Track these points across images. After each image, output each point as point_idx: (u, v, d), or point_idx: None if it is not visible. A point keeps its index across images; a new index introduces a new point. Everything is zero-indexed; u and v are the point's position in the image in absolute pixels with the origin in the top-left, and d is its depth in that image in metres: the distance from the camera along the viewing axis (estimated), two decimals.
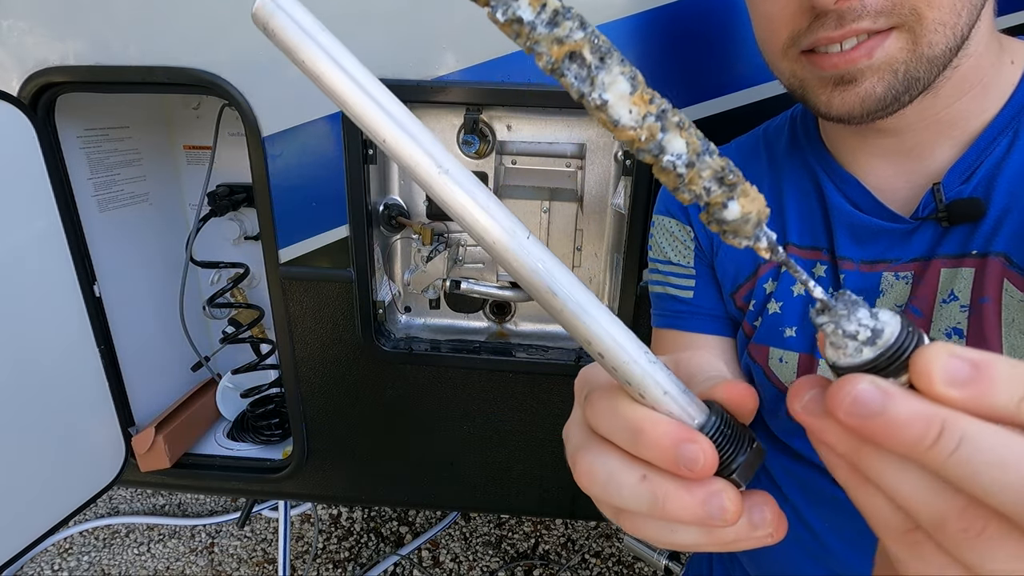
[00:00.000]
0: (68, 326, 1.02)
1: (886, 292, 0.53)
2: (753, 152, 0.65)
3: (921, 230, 0.51)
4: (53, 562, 1.85)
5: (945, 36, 0.42)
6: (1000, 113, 0.48)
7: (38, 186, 0.94)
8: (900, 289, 0.53)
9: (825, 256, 0.57)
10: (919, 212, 0.51)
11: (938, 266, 0.50)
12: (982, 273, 0.47)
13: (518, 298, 1.11)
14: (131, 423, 1.19)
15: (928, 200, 0.50)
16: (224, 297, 1.34)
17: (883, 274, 0.53)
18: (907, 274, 0.52)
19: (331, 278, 1.05)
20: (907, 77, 0.44)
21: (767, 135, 0.65)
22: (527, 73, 0.89)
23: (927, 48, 0.43)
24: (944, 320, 0.49)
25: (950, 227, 0.49)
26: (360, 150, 0.95)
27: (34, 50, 0.93)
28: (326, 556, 1.88)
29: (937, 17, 0.41)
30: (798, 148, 0.61)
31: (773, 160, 0.62)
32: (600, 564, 1.85)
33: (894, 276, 0.53)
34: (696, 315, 0.68)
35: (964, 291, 0.48)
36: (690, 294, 0.68)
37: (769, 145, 0.64)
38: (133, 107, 1.18)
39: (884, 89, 0.44)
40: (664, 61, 0.88)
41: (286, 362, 1.13)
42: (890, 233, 0.53)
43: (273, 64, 0.91)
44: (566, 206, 0.99)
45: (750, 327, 0.62)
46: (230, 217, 1.30)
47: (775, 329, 0.59)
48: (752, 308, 0.62)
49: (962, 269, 0.48)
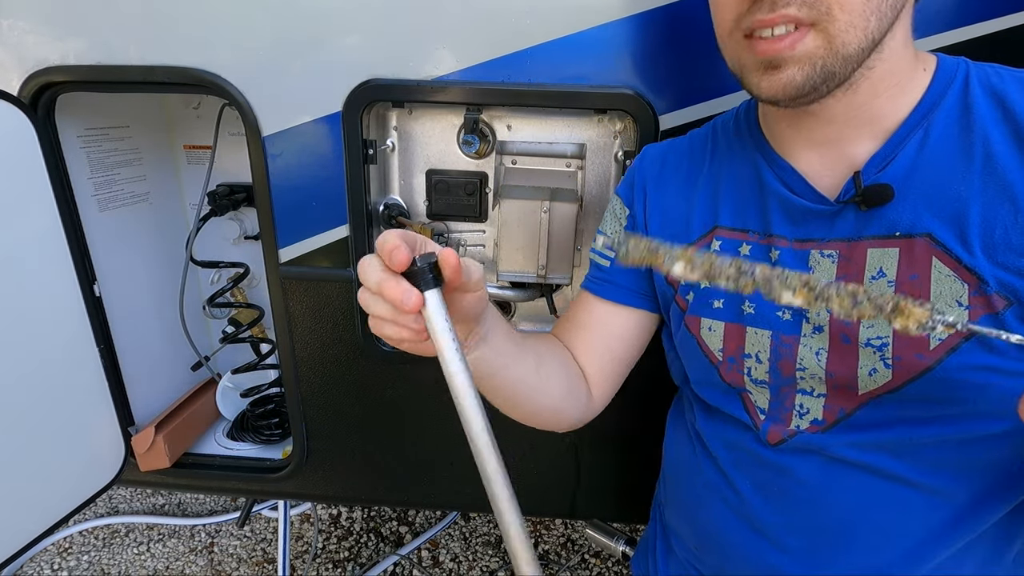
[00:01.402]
0: (68, 326, 1.02)
1: (814, 268, 0.59)
2: (702, 143, 0.72)
3: (844, 213, 0.57)
4: (53, 561, 1.85)
5: (856, 37, 0.49)
6: (913, 112, 0.56)
7: (38, 186, 0.94)
8: (826, 266, 0.58)
9: (752, 237, 0.64)
10: (841, 196, 0.57)
11: (865, 246, 0.56)
12: (909, 253, 0.54)
13: (518, 298, 1.11)
14: (131, 423, 1.19)
15: (849, 186, 0.57)
16: (224, 297, 1.34)
17: (811, 252, 0.59)
18: (832, 252, 0.58)
19: (331, 278, 1.05)
20: (824, 70, 0.51)
21: (715, 127, 0.72)
22: (527, 73, 0.89)
23: (841, 47, 0.50)
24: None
25: (867, 210, 0.55)
26: (360, 150, 0.95)
27: (34, 49, 0.93)
28: (326, 556, 1.88)
29: (848, 19, 0.49)
30: (740, 138, 0.68)
31: (716, 150, 0.70)
32: (600, 564, 1.85)
33: (820, 254, 0.59)
34: (608, 283, 0.76)
35: (891, 268, 0.55)
36: (607, 263, 0.77)
37: (716, 136, 0.71)
38: (133, 107, 1.18)
39: (803, 78, 0.51)
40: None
41: (286, 362, 1.13)
42: (817, 215, 0.59)
43: (273, 64, 0.91)
44: (566, 206, 0.99)
45: (683, 301, 0.69)
46: (230, 217, 1.30)
47: (706, 301, 0.66)
48: (683, 283, 0.68)
49: (888, 249, 0.55)
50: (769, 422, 0.64)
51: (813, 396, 0.61)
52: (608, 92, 0.88)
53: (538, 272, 1.04)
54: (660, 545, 0.84)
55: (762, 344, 0.62)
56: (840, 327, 0.57)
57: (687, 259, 0.46)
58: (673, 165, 0.73)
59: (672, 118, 0.89)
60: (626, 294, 0.76)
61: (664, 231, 0.71)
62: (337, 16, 0.89)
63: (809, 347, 0.60)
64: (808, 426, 0.62)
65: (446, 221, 1.10)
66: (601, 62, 0.88)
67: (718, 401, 0.70)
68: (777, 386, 0.63)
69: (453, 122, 1.03)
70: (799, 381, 0.61)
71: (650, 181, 0.74)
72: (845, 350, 0.57)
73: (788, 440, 0.63)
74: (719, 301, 0.65)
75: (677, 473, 0.79)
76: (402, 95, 0.92)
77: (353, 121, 0.93)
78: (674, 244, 0.47)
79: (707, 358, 0.67)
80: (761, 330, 0.62)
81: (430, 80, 0.90)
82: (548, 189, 1.00)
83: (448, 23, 0.88)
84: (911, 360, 0.54)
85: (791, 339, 0.60)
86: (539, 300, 1.12)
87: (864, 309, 0.42)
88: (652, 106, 0.88)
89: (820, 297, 0.44)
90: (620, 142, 1.01)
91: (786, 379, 0.62)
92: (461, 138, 1.01)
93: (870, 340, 0.56)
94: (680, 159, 0.73)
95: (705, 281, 0.46)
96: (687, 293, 0.68)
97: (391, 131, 1.04)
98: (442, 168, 1.06)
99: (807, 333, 0.60)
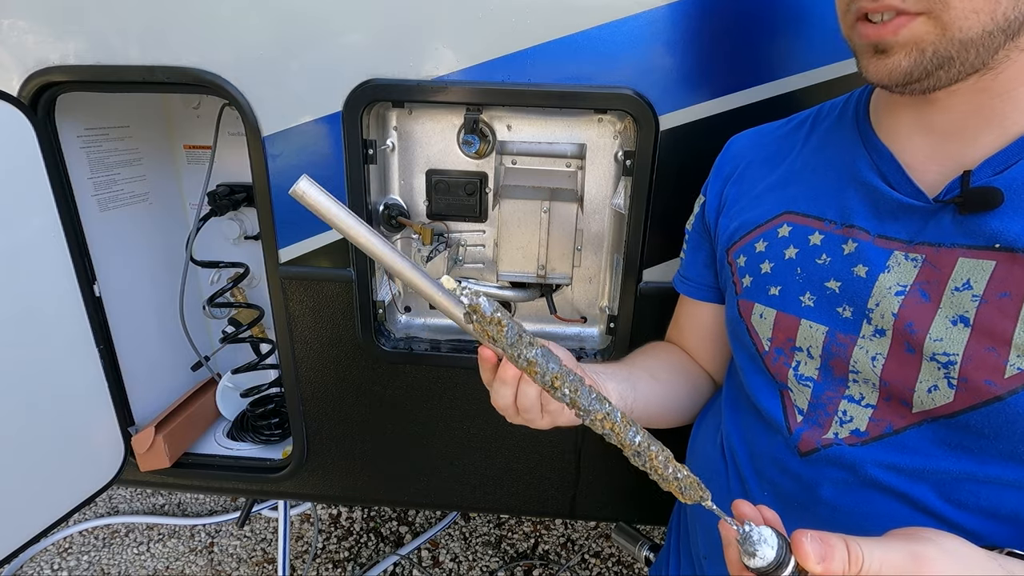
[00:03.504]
0: (68, 326, 1.02)
1: (892, 269, 0.54)
2: (798, 126, 0.69)
3: (940, 214, 0.52)
4: (53, 561, 1.85)
5: (980, 21, 0.45)
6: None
7: (38, 186, 0.94)
8: (906, 270, 0.53)
9: (827, 226, 0.59)
10: (943, 195, 0.52)
11: (957, 254, 0.51)
12: (1007, 269, 0.48)
13: (518, 298, 1.11)
14: (131, 422, 1.19)
15: (954, 185, 0.51)
16: (224, 297, 1.34)
17: (894, 252, 0.54)
18: (917, 257, 0.53)
19: (331, 278, 1.05)
20: (937, 56, 0.47)
21: (820, 111, 0.69)
22: (527, 73, 0.89)
23: (958, 32, 0.45)
24: (952, 307, 0.50)
25: (966, 214, 0.50)
26: (360, 150, 0.95)
27: (34, 50, 0.93)
28: (326, 556, 1.88)
29: (966, 5, 0.44)
30: (842, 121, 0.64)
31: (813, 133, 0.66)
32: (600, 564, 1.85)
33: (904, 256, 0.54)
34: (684, 280, 0.80)
35: (980, 282, 0.49)
36: (682, 256, 0.80)
37: (816, 120, 0.68)
38: (133, 107, 1.18)
39: (910, 64, 0.48)
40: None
41: (286, 362, 1.13)
42: (909, 211, 0.54)
43: (273, 64, 0.91)
44: (566, 206, 0.99)
45: (739, 283, 0.66)
46: (230, 217, 1.30)
47: (762, 286, 0.63)
48: (742, 264, 0.66)
49: (983, 261, 0.49)
50: (806, 426, 0.60)
51: (860, 404, 0.57)
52: (608, 92, 0.88)
53: (538, 272, 1.04)
54: (673, 550, 0.82)
55: (815, 339, 0.59)
56: (906, 333, 0.52)
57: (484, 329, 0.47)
58: (758, 151, 0.71)
59: (672, 118, 0.89)
60: (699, 289, 0.77)
61: (733, 218, 0.69)
62: (337, 16, 0.89)
63: (866, 350, 0.55)
64: (847, 436, 0.57)
65: (446, 221, 1.10)
66: (601, 62, 0.88)
67: (757, 393, 0.66)
68: (823, 387, 0.59)
69: (453, 122, 1.03)
70: (850, 385, 0.57)
71: (729, 173, 0.72)
72: (906, 359, 0.53)
73: (820, 450, 0.59)
74: (776, 288, 0.62)
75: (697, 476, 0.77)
76: (402, 95, 0.92)
77: (353, 121, 0.93)
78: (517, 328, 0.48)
79: (754, 345, 0.65)
80: (817, 324, 0.59)
81: (430, 80, 0.90)
82: (548, 189, 1.00)
83: (448, 23, 0.88)
84: (979, 385, 0.48)
85: (847, 338, 0.56)
86: (539, 300, 1.12)
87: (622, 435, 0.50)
88: (652, 106, 0.88)
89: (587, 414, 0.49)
90: (620, 142, 1.01)
91: (836, 380, 0.58)
92: (461, 138, 1.01)
93: (936, 354, 0.50)
94: (768, 143, 0.71)
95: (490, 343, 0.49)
96: (744, 276, 0.66)
97: (391, 131, 1.04)
98: (442, 168, 1.06)
99: (866, 335, 0.55)
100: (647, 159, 0.92)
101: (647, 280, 1.00)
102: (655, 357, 0.81)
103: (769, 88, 0.87)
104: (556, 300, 1.11)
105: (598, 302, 1.15)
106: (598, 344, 1.14)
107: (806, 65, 0.86)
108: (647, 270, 0.99)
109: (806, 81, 0.87)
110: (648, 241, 0.97)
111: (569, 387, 0.49)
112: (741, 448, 0.68)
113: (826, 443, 0.58)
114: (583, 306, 1.16)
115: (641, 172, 0.93)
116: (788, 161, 0.67)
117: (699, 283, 0.78)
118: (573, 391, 0.49)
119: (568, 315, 1.16)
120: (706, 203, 0.75)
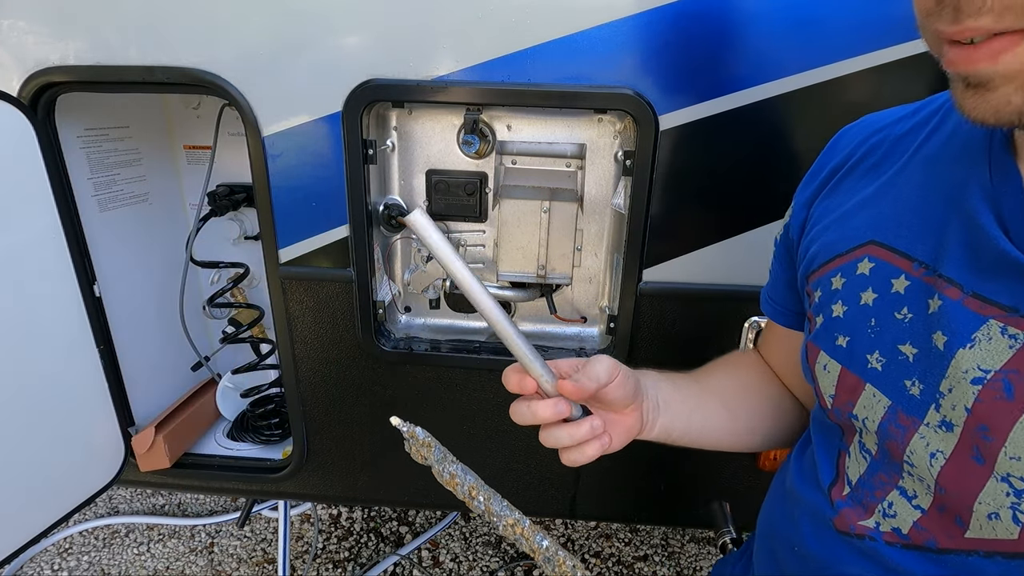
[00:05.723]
0: (68, 326, 1.02)
1: (979, 344, 0.40)
2: (925, 120, 0.52)
3: None
4: (53, 562, 1.84)
5: None
6: None
7: (38, 186, 0.94)
8: (997, 349, 0.39)
9: (915, 270, 0.45)
10: None
11: None
12: None
13: (518, 298, 1.11)
14: (131, 423, 1.19)
15: None
16: (224, 297, 1.34)
17: (990, 321, 0.40)
18: (1019, 334, 0.38)
19: (331, 278, 1.05)
20: None
21: (949, 108, 0.50)
22: (527, 73, 0.89)
23: None
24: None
25: None
26: (360, 150, 0.95)
27: (34, 50, 0.93)
28: (326, 556, 1.88)
29: None
30: (972, 130, 0.45)
31: (936, 133, 0.50)
32: (600, 564, 1.85)
33: (1000, 329, 0.39)
34: (769, 301, 0.69)
35: None
36: (767, 278, 0.69)
37: (941, 120, 0.50)
38: (133, 107, 1.18)
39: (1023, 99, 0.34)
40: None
41: (286, 362, 1.13)
42: (1017, 271, 0.39)
43: (273, 64, 0.91)
44: (566, 206, 0.99)
45: (813, 322, 0.55)
46: (230, 217, 1.30)
47: (831, 333, 0.51)
48: (817, 300, 0.54)
49: None
50: (849, 501, 0.51)
51: (911, 504, 0.46)
52: (608, 92, 0.88)
53: (538, 272, 1.04)
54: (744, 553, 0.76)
55: (876, 412, 0.47)
56: (977, 436, 0.40)
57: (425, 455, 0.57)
58: (869, 152, 0.55)
59: (672, 118, 0.89)
60: (783, 314, 0.67)
61: (815, 239, 0.55)
62: (337, 16, 0.89)
63: (927, 441, 0.43)
64: (887, 533, 0.47)
65: (446, 221, 1.10)
66: (601, 62, 0.88)
67: (816, 442, 0.57)
68: (879, 466, 0.49)
69: (453, 122, 1.03)
70: (904, 477, 0.46)
71: (826, 180, 0.57)
72: (972, 469, 0.41)
73: (853, 538, 0.49)
74: (844, 339, 0.50)
75: (766, 509, 0.68)
76: (402, 95, 0.92)
77: (353, 121, 0.93)
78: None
79: (818, 395, 0.54)
80: (880, 394, 0.47)
81: (430, 80, 0.90)
82: (548, 189, 1.00)
83: (448, 23, 0.88)
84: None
85: (909, 421, 0.45)
86: (539, 300, 1.12)
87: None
88: (652, 106, 0.88)
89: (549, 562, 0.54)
90: (620, 142, 1.01)
91: (892, 465, 0.47)
92: (461, 138, 1.01)
93: (1011, 475, 0.38)
94: (882, 141, 0.54)
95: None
96: (817, 314, 0.54)
97: (391, 131, 1.04)
98: (442, 168, 1.06)
99: (932, 423, 0.43)
100: (647, 159, 0.92)
101: (647, 280, 1.00)
102: (734, 377, 0.71)
103: (769, 88, 0.87)
104: (556, 300, 1.11)
105: (598, 302, 1.15)
106: (598, 344, 1.14)
107: (807, 65, 0.86)
108: (647, 270, 0.99)
109: (807, 81, 0.86)
110: (648, 241, 0.97)
111: (483, 495, 0.56)
112: (797, 488, 0.58)
113: (861, 532, 0.49)
114: (583, 306, 1.16)
115: (641, 172, 0.93)
116: (891, 172, 0.51)
117: (783, 307, 0.66)
118: (487, 499, 0.56)
119: (568, 315, 1.16)
120: (792, 215, 0.61)
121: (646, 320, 1.03)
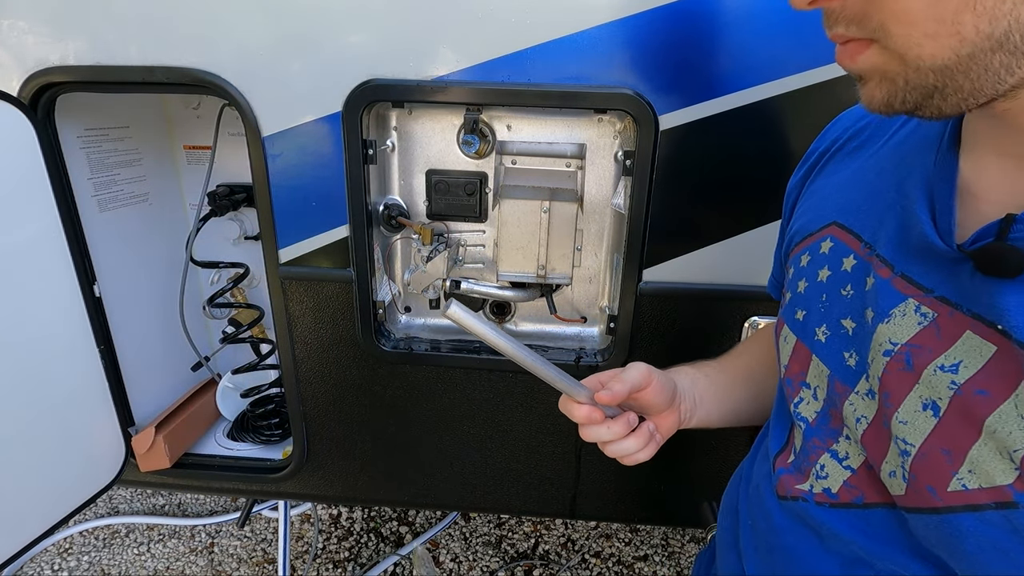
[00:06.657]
0: (68, 326, 1.02)
1: (893, 320, 0.43)
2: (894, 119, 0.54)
3: (959, 267, 0.40)
4: (53, 562, 1.84)
5: (945, 45, 0.34)
6: None
7: (38, 186, 0.94)
8: (907, 325, 0.42)
9: (862, 250, 0.48)
10: (968, 242, 0.39)
11: (967, 325, 0.39)
12: (1003, 362, 0.37)
13: (518, 298, 1.11)
14: (131, 423, 1.19)
15: (987, 231, 0.38)
16: (224, 297, 1.34)
17: (908, 299, 0.43)
18: (929, 313, 0.41)
19: (331, 278, 1.05)
20: (913, 85, 0.37)
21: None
22: (527, 73, 0.89)
23: (920, 60, 0.35)
24: (929, 388, 0.40)
25: (984, 275, 0.38)
26: (360, 150, 0.95)
27: (34, 50, 0.93)
28: (326, 556, 1.88)
29: (909, 32, 0.35)
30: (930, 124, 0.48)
31: (902, 128, 0.53)
32: (600, 564, 1.85)
33: (915, 308, 0.42)
34: (772, 277, 0.71)
35: (969, 367, 0.38)
36: (768, 275, 0.72)
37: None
38: (133, 107, 1.18)
39: (885, 94, 0.38)
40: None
41: (286, 362, 1.13)
42: (932, 254, 0.42)
43: (273, 64, 0.91)
44: (566, 206, 0.99)
45: (784, 296, 0.59)
46: (230, 217, 1.30)
47: (793, 307, 0.55)
48: (790, 277, 0.58)
49: (986, 344, 0.37)
50: (792, 468, 0.54)
51: (841, 464, 0.49)
52: (608, 92, 0.88)
53: (538, 272, 1.04)
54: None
55: (821, 381, 0.51)
56: (883, 403, 0.44)
57: None
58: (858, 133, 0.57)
59: (672, 118, 0.90)
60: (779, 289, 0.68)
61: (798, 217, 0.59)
62: (337, 16, 0.89)
63: (855, 407, 0.47)
64: (819, 494, 0.50)
65: (446, 221, 1.10)
66: (601, 62, 0.88)
67: (775, 415, 0.61)
68: (814, 432, 0.52)
69: (453, 122, 1.03)
70: (840, 440, 0.50)
71: (816, 162, 0.60)
72: (882, 433, 0.44)
73: (790, 501, 0.53)
74: (801, 312, 0.54)
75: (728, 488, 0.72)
76: (402, 95, 0.92)
77: (353, 121, 0.93)
78: None
79: (779, 366, 0.58)
80: (823, 364, 0.51)
81: (430, 80, 0.90)
82: (548, 189, 1.00)
83: (448, 23, 0.88)
84: (922, 489, 0.41)
85: (843, 389, 0.48)
86: (539, 300, 1.12)
87: None
88: (652, 106, 0.88)
89: None
90: (620, 142, 1.01)
91: (830, 431, 0.51)
92: (461, 138, 1.01)
93: (899, 438, 0.42)
94: (871, 122, 0.56)
95: None
96: (788, 289, 0.58)
97: (391, 131, 1.04)
98: (442, 168, 1.06)
99: (861, 391, 0.47)
100: (647, 159, 0.92)
101: (647, 280, 1.00)
102: (758, 357, 0.73)
103: (769, 88, 0.87)
104: (556, 300, 1.11)
105: (598, 302, 1.15)
106: (598, 344, 1.14)
107: (806, 65, 0.86)
108: (647, 270, 0.99)
109: (807, 81, 0.87)
110: (648, 241, 0.97)
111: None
112: (747, 469, 0.64)
113: (795, 494, 0.52)
114: (583, 306, 1.16)
115: (641, 172, 0.93)
116: (870, 153, 0.54)
117: (780, 283, 0.68)
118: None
119: (568, 315, 1.16)
120: (786, 198, 0.65)
121: (646, 320, 1.03)
